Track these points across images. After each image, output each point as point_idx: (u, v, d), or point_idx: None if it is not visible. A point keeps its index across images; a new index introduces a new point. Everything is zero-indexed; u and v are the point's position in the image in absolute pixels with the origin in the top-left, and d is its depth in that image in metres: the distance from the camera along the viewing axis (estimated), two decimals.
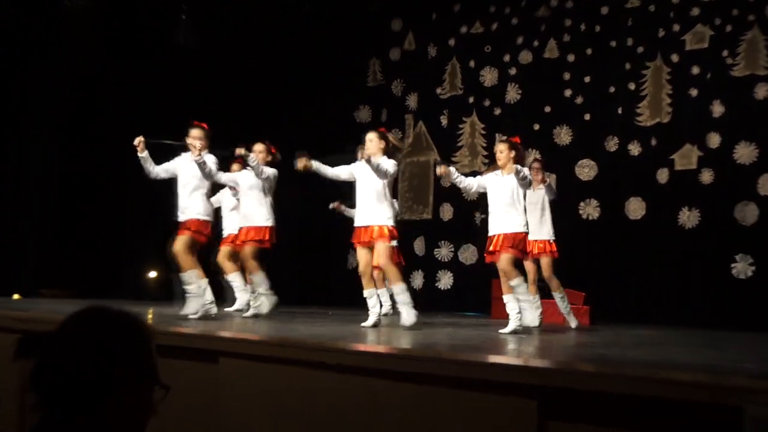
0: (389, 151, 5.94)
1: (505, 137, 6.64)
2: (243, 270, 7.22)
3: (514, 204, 5.84)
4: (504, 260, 5.77)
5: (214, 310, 6.02)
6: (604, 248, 8.78)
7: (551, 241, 7.07)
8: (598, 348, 5.01)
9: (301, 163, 5.90)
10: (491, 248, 5.88)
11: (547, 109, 9.40)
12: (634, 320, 8.05)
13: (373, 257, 5.95)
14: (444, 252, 9.90)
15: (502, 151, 5.90)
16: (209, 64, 9.94)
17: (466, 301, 9.48)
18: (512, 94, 9.70)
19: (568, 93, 9.29)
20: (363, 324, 5.87)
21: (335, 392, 3.68)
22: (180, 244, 5.98)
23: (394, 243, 6.18)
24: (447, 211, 9.96)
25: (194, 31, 9.38)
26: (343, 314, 7.95)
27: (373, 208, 5.86)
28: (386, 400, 3.51)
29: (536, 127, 9.44)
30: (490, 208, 5.99)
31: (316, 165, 5.96)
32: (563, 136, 9.29)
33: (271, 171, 6.68)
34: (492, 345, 4.93)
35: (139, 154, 6.02)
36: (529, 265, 6.96)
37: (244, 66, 10.32)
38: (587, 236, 8.94)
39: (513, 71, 9.73)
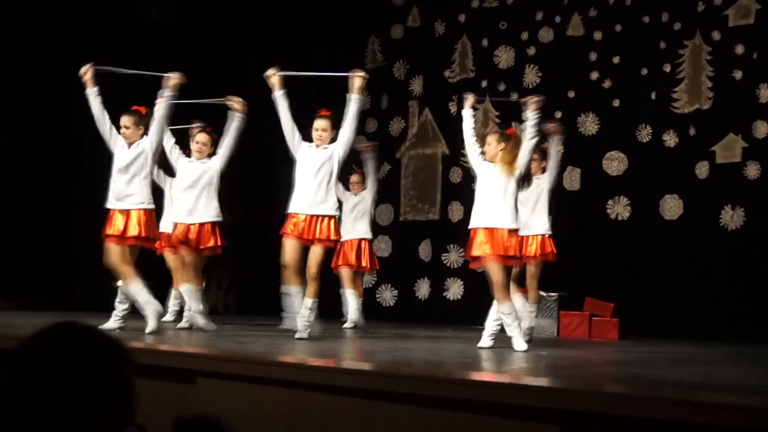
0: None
1: (497, 130, 6.61)
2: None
3: (506, 198, 5.89)
4: (495, 272, 5.73)
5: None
6: (635, 252, 8.75)
7: (547, 235, 6.95)
8: (630, 366, 4.99)
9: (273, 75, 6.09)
10: (474, 251, 5.81)
11: (571, 94, 9.38)
12: (671, 334, 8.02)
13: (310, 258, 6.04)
14: (453, 257, 9.88)
15: (489, 143, 5.96)
16: (185, 44, 9.91)
17: (478, 313, 9.44)
18: (531, 77, 9.69)
19: (594, 76, 9.27)
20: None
21: (330, 417, 3.66)
22: (122, 253, 6.07)
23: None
24: (456, 211, 9.94)
25: (169, 3, 9.37)
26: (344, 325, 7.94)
27: (319, 197, 6.04)
28: (387, 426, 3.48)
29: (558, 114, 9.40)
30: (476, 196, 5.98)
31: (281, 94, 6.15)
32: (589, 124, 9.27)
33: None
34: (508, 363, 4.90)
35: (87, 89, 6.07)
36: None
37: (222, 43, 10.31)
38: (616, 239, 8.91)
39: (532, 51, 9.71)
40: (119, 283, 6.28)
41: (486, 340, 5.83)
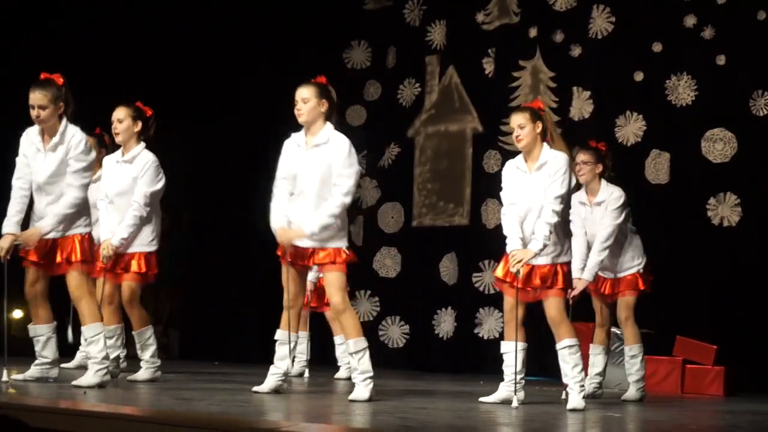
0: (334, 115, 6.16)
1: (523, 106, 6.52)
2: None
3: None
4: (553, 307, 5.98)
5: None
6: (747, 273, 8.73)
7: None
8: None
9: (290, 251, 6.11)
10: (518, 281, 5.93)
11: (656, 47, 9.35)
12: None
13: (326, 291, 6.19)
14: (489, 278, 9.86)
15: (522, 125, 6.00)
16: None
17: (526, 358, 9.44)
18: (600, 23, 9.66)
19: (690, 21, 9.25)
20: (256, 388, 6.07)
21: None
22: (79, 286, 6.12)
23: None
24: (493, 213, 9.90)
25: None
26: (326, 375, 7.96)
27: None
28: None
29: (638, 76, 9.40)
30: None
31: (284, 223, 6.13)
32: (682, 91, 9.25)
33: (148, 177, 6.89)
34: (565, 429, 4.91)
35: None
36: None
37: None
38: (721, 253, 8.88)
39: None
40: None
41: (575, 399, 5.80)
